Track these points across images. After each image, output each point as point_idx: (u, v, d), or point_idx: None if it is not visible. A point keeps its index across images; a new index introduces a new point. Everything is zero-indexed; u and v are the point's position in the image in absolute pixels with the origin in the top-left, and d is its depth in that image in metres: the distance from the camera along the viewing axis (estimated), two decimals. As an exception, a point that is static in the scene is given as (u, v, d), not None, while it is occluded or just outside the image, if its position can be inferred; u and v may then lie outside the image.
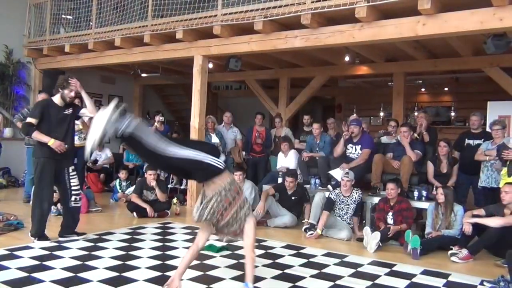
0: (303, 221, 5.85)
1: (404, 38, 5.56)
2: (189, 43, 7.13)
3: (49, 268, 3.73)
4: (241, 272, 3.80)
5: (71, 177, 4.60)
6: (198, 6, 6.68)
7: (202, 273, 3.76)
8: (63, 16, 8.88)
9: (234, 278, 3.66)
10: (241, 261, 4.14)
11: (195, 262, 4.06)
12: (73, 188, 4.61)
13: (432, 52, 7.53)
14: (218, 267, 3.96)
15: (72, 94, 4.50)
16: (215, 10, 6.56)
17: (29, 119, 4.48)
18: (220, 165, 2.91)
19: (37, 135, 4.41)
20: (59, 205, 5.71)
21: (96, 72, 10.56)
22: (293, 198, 5.89)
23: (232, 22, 6.39)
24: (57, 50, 8.92)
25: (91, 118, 7.16)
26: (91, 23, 8.27)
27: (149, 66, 9.89)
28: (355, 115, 8.76)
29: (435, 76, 9.96)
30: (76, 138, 7.23)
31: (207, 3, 6.62)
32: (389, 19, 5.40)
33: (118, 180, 7.80)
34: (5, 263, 3.79)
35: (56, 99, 4.52)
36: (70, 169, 4.61)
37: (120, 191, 7.63)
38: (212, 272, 3.80)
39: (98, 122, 2.60)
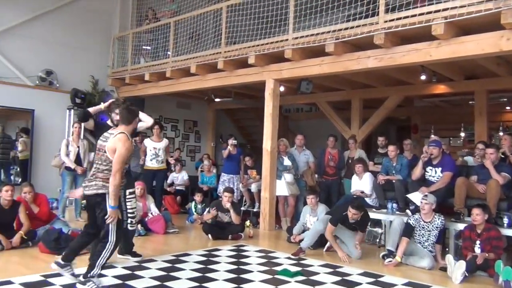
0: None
1: (486, 54, 5.24)
2: (261, 68, 7.27)
3: (130, 287, 3.87)
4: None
5: (127, 200, 4.54)
6: (270, 32, 6.83)
7: (277, 298, 3.72)
8: (143, 47, 9.49)
9: (310, 305, 3.57)
10: (316, 287, 4.05)
11: (269, 287, 4.04)
12: (128, 210, 4.57)
13: (518, 68, 7.05)
14: (293, 292, 3.89)
15: (118, 117, 4.29)
16: (286, 35, 6.66)
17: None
18: None
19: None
20: (139, 225, 5.99)
21: (173, 98, 11.09)
22: (353, 225, 5.55)
23: (303, 46, 6.44)
24: (137, 79, 9.53)
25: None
26: (168, 53, 8.74)
27: (222, 91, 10.20)
28: (433, 135, 8.38)
29: (522, 93, 9.28)
30: (154, 161, 7.69)
31: (278, 28, 6.74)
32: (468, 35, 5.14)
33: (194, 203, 8.01)
34: (91, 281, 4.00)
35: (109, 122, 4.76)
36: (127, 192, 4.54)
37: (195, 213, 7.84)
38: (287, 298, 3.74)
39: None
